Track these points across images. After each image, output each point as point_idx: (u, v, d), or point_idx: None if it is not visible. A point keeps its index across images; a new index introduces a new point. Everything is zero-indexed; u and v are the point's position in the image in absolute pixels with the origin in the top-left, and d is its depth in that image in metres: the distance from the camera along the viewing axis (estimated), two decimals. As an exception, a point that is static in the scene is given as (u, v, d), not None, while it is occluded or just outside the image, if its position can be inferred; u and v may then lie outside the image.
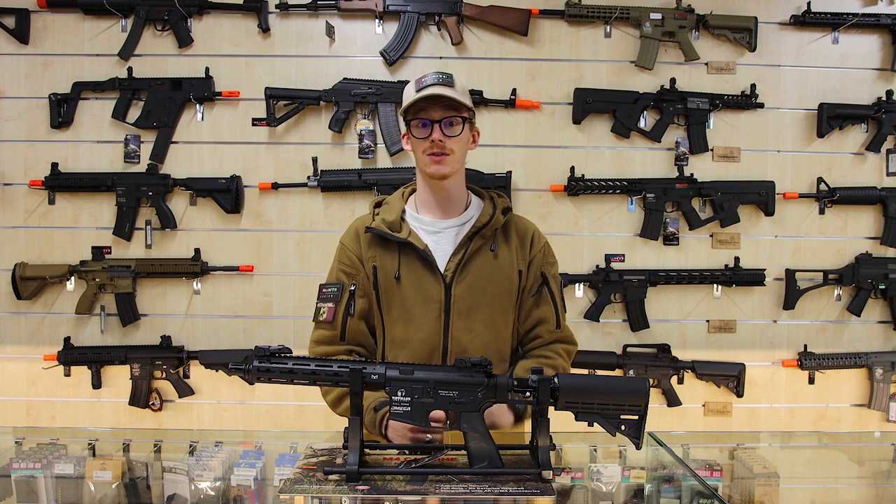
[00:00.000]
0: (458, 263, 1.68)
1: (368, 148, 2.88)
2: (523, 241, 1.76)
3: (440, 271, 1.68)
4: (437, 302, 1.68)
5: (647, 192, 2.91)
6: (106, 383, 2.91)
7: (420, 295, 1.68)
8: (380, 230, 1.69)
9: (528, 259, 1.75)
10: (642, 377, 2.86)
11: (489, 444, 1.33)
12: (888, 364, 2.96)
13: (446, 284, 1.68)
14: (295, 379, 1.33)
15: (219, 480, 1.70)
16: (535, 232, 1.79)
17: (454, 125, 1.63)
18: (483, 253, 1.70)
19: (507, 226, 1.76)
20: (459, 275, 1.68)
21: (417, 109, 1.62)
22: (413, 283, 1.68)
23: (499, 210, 1.73)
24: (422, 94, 1.59)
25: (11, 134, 2.89)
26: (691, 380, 2.95)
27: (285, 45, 2.91)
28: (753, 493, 1.73)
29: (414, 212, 1.75)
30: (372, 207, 1.79)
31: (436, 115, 1.61)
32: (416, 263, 1.69)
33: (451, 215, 1.73)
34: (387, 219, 1.71)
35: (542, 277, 1.76)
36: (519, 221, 1.80)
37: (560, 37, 2.94)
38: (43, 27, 2.88)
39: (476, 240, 1.70)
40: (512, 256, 1.73)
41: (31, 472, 1.69)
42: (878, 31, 2.98)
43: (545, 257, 1.78)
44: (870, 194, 2.95)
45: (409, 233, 1.69)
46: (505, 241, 1.74)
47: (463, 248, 1.69)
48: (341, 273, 1.74)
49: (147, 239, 2.88)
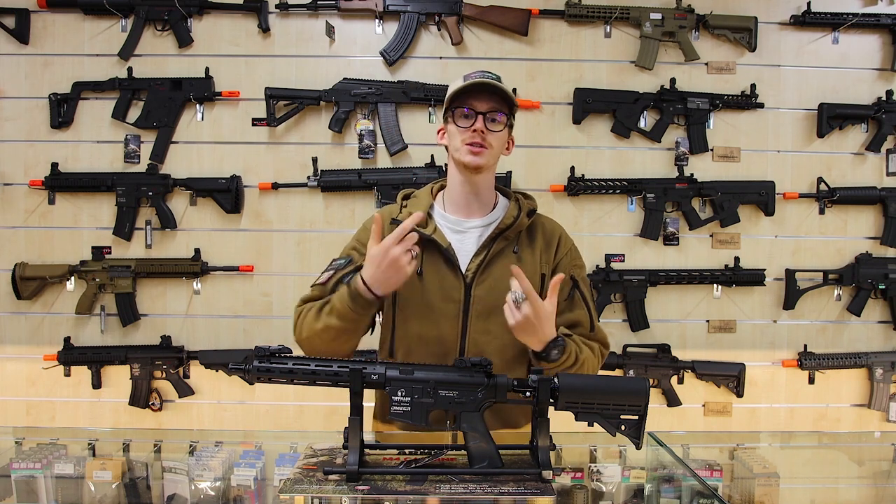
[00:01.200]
0: (479, 264, 1.67)
1: (368, 148, 2.88)
2: (549, 244, 1.74)
3: (461, 271, 1.67)
4: (456, 301, 1.67)
5: (647, 192, 2.91)
6: (106, 383, 2.91)
7: (440, 293, 1.67)
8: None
9: (553, 262, 1.73)
10: (642, 377, 2.86)
11: (489, 444, 1.33)
12: (888, 364, 2.96)
13: (467, 284, 1.66)
14: (295, 379, 1.33)
15: (219, 480, 1.70)
16: (561, 234, 1.77)
17: (497, 121, 1.63)
18: (506, 255, 1.69)
19: (532, 228, 1.74)
20: (480, 276, 1.67)
21: (464, 99, 1.62)
22: (434, 280, 1.67)
23: (524, 212, 1.71)
24: (473, 81, 1.59)
25: (11, 134, 2.89)
26: (691, 380, 2.96)
27: (285, 45, 2.91)
28: (753, 493, 1.73)
29: (441, 209, 1.74)
30: (400, 199, 1.77)
31: (481, 107, 1.61)
32: (438, 261, 1.68)
33: (477, 215, 1.72)
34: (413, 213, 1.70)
35: (571, 281, 1.73)
36: (546, 223, 1.78)
37: (560, 37, 2.94)
38: (43, 27, 2.88)
39: (499, 241, 1.68)
40: (535, 259, 1.71)
41: (31, 472, 1.69)
42: (878, 31, 2.98)
43: (573, 260, 1.76)
44: (870, 194, 2.95)
45: (434, 230, 1.68)
46: (529, 243, 1.73)
47: (486, 249, 1.68)
48: (353, 251, 1.73)
49: (147, 239, 2.89)
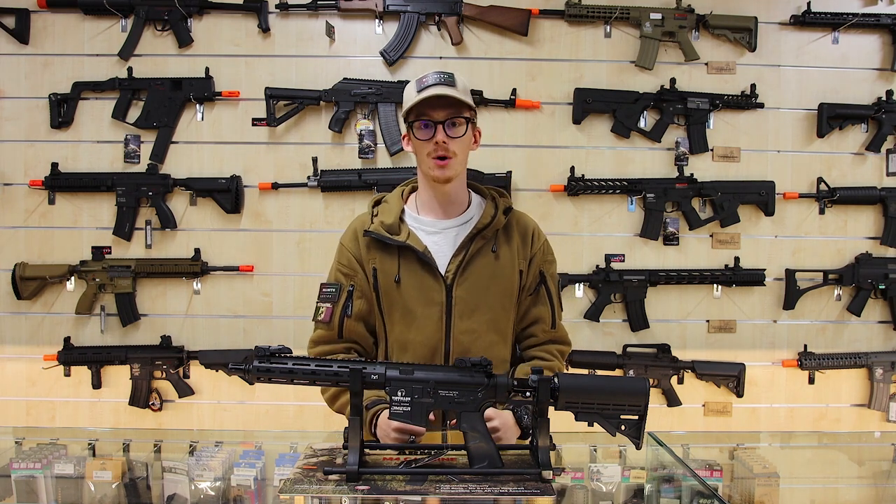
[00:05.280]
0: (458, 265, 1.67)
1: (368, 148, 2.88)
2: (524, 239, 1.75)
3: (441, 273, 1.67)
4: (438, 304, 1.67)
5: (647, 192, 2.90)
6: (106, 383, 2.91)
7: (421, 297, 1.67)
8: (378, 234, 1.68)
9: (528, 257, 1.74)
10: (642, 377, 2.86)
11: (489, 444, 1.33)
12: (888, 364, 2.96)
13: (447, 286, 1.67)
14: (295, 379, 1.33)
15: (219, 480, 1.71)
16: (535, 229, 1.78)
17: (457, 125, 1.62)
18: (484, 254, 1.69)
19: (508, 224, 1.75)
20: (460, 276, 1.67)
21: (420, 110, 1.61)
22: (413, 285, 1.67)
23: (500, 210, 1.72)
24: (424, 95, 1.58)
25: (11, 134, 2.89)
26: (691, 380, 2.95)
27: (285, 45, 2.91)
28: (753, 493, 1.73)
29: (414, 212, 1.74)
30: (370, 207, 1.77)
31: (438, 116, 1.60)
32: (415, 266, 1.68)
33: (451, 215, 1.72)
34: (385, 221, 1.69)
35: (540, 276, 1.75)
36: (520, 219, 1.78)
37: (560, 37, 2.94)
38: (43, 27, 2.88)
39: (477, 240, 1.69)
40: (513, 256, 1.72)
41: (31, 472, 1.69)
42: (878, 31, 2.98)
43: (544, 255, 1.77)
44: (870, 194, 2.95)
45: (407, 235, 1.68)
46: (506, 240, 1.73)
47: (464, 250, 1.68)
48: (339, 273, 1.74)
49: (147, 239, 2.88)
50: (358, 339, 1.74)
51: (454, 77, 1.61)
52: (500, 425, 1.55)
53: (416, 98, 1.59)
